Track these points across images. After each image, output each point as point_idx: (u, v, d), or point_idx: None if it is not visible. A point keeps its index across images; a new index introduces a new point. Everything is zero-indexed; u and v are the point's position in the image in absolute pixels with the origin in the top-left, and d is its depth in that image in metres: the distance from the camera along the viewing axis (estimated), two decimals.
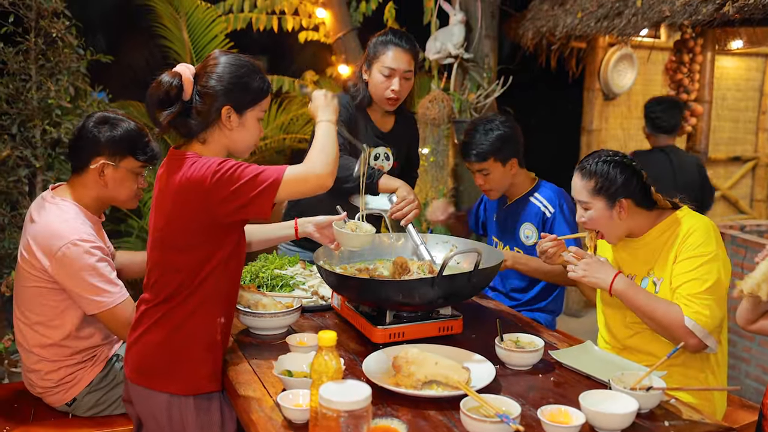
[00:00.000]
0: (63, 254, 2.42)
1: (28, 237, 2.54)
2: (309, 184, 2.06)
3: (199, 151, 2.11)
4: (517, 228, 3.22)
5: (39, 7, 4.27)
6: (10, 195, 4.41)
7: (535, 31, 5.79)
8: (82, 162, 2.57)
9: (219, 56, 2.11)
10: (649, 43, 6.29)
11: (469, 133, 3.13)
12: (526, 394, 2.03)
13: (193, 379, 2.12)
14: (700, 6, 4.20)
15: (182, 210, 2.04)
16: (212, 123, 2.10)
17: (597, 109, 6.42)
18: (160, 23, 5.93)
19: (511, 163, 3.12)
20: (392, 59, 3.05)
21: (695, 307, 2.29)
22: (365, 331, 2.39)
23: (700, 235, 2.38)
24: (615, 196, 2.43)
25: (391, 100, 3.12)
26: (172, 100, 2.06)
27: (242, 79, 2.10)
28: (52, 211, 2.53)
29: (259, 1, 5.94)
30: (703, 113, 5.48)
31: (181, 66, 2.10)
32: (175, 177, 2.04)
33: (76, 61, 4.45)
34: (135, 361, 2.16)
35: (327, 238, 2.60)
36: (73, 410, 2.63)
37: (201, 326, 2.12)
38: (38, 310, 2.54)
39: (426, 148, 5.44)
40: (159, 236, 2.11)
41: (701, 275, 2.32)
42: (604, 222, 2.48)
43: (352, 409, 1.52)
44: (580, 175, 2.48)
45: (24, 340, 2.60)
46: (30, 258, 2.51)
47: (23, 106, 4.28)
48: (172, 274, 2.08)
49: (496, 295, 3.38)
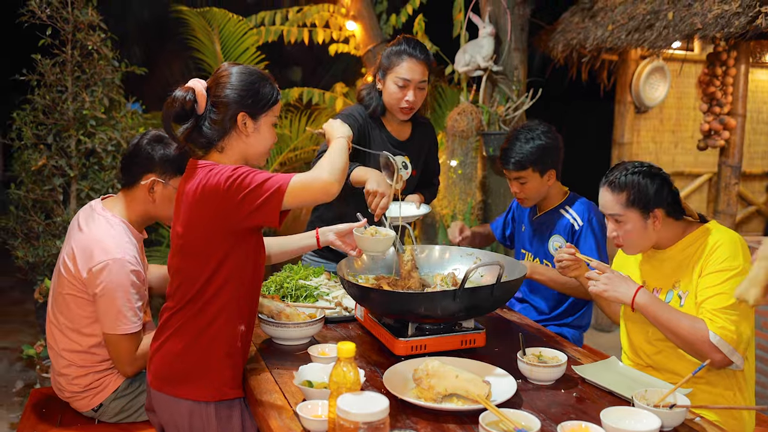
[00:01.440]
0: (101, 269, 2.47)
1: (72, 244, 2.59)
2: (314, 190, 2.08)
3: (217, 159, 2.16)
4: (547, 240, 3.21)
5: (76, 20, 4.38)
6: (45, 203, 4.51)
7: (566, 44, 5.77)
8: (133, 177, 2.64)
9: (229, 68, 2.18)
10: (681, 55, 6.23)
11: (510, 141, 3.11)
12: (548, 410, 2.01)
13: (213, 385, 2.14)
14: (733, 18, 4.15)
15: (199, 217, 2.07)
16: (229, 130, 2.15)
17: (628, 122, 6.37)
18: (193, 36, 6.03)
19: (549, 173, 3.11)
20: (407, 70, 3.05)
21: (721, 322, 2.26)
22: (387, 343, 2.39)
23: (727, 249, 2.34)
24: (648, 207, 2.39)
25: (405, 109, 3.12)
26: (188, 114, 2.13)
27: (254, 86, 2.16)
28: (101, 224, 2.58)
29: (290, 14, 6.00)
30: (737, 127, 5.40)
31: (193, 81, 2.16)
32: (191, 185, 2.09)
33: (110, 72, 4.54)
34: (157, 368, 2.19)
35: (348, 245, 2.62)
36: (99, 416, 2.66)
37: (221, 334, 2.14)
38: (71, 317, 2.59)
39: (454, 160, 5.43)
40: (179, 243, 2.15)
41: (727, 290, 2.28)
42: (637, 235, 2.43)
43: (369, 421, 1.52)
44: (609, 189, 2.44)
45: (55, 344, 2.65)
46: (71, 265, 2.56)
47: (59, 116, 4.37)
48: (191, 281, 2.12)
49: (524, 308, 3.36)
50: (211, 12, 5.80)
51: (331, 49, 6.08)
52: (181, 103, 2.11)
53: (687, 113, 6.91)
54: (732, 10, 4.18)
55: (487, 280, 2.65)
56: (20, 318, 5.92)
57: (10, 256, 4.58)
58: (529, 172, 3.07)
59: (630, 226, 2.42)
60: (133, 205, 2.65)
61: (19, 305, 6.26)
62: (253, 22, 6.00)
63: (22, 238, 4.52)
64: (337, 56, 6.21)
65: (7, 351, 5.22)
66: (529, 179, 3.09)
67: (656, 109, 6.62)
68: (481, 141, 5.35)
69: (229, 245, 2.09)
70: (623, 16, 5.22)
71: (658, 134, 6.73)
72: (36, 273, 4.53)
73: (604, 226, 3.16)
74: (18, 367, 4.93)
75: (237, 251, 2.11)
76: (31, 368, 4.76)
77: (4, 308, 6.29)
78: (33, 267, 4.51)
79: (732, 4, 4.20)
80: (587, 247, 3.08)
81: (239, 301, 2.16)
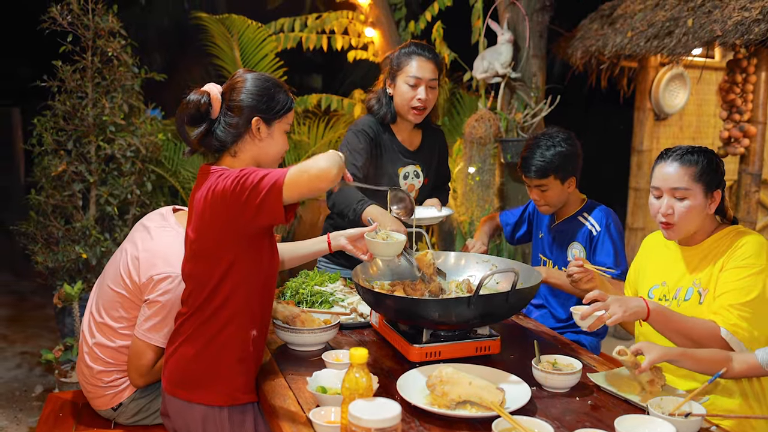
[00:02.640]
0: (163, 279, 2.52)
1: (139, 248, 2.62)
2: (311, 176, 1.99)
3: (230, 164, 2.17)
4: (566, 247, 3.19)
5: (96, 27, 4.43)
6: (65, 209, 4.55)
7: (584, 51, 5.74)
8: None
9: (244, 74, 2.21)
10: (701, 62, 6.18)
11: (530, 148, 3.09)
12: (562, 417, 2.00)
13: (226, 390, 2.15)
14: (753, 25, 4.12)
15: (211, 221, 2.08)
16: (242, 135, 2.17)
17: (648, 130, 6.32)
18: (212, 42, 6.07)
19: (570, 181, 3.10)
20: (417, 68, 3.08)
21: (733, 318, 2.22)
22: (402, 350, 2.39)
23: (751, 247, 2.31)
24: (712, 186, 2.35)
25: (417, 109, 3.12)
26: (203, 117, 2.15)
27: (269, 92, 2.18)
28: (171, 237, 2.62)
29: (309, 21, 6.03)
30: (757, 134, 5.35)
31: (209, 85, 2.19)
32: (203, 190, 2.10)
33: (130, 79, 4.59)
34: (171, 373, 2.20)
35: (360, 249, 2.62)
36: (117, 417, 2.69)
37: (233, 339, 2.15)
38: (113, 315, 2.63)
39: (472, 167, 5.42)
40: (191, 249, 2.16)
41: (745, 286, 2.25)
42: (696, 214, 2.36)
43: (381, 428, 1.52)
44: (677, 162, 2.35)
45: (92, 333, 2.68)
46: (132, 267, 2.59)
47: (79, 122, 4.42)
48: (202, 286, 2.13)
49: (541, 315, 3.34)
50: (230, 19, 5.84)
51: (350, 56, 6.09)
52: (196, 106, 2.13)
53: (707, 121, 6.85)
54: (752, 17, 4.14)
55: (502, 286, 2.64)
56: (40, 323, 5.97)
57: (30, 261, 4.64)
58: (551, 179, 3.06)
59: (692, 202, 2.34)
60: None
61: (40, 310, 6.32)
62: (272, 29, 6.03)
63: (42, 243, 4.56)
64: (356, 63, 6.23)
65: (27, 355, 5.27)
66: (551, 187, 3.08)
67: (676, 117, 6.56)
68: (499, 148, 5.34)
69: (241, 249, 2.09)
70: (642, 23, 5.20)
71: (678, 141, 6.66)
72: (56, 278, 4.57)
73: (621, 232, 3.15)
74: (38, 371, 4.97)
75: (248, 255, 2.11)
76: (50, 373, 4.80)
77: (25, 313, 6.35)
78: (52, 272, 4.55)
79: (752, 11, 4.16)
80: (605, 252, 3.06)
81: (251, 306, 2.17)
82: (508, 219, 3.59)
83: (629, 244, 6.34)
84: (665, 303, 2.47)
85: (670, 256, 2.54)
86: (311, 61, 7.28)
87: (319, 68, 7.92)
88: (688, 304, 2.40)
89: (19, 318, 6.19)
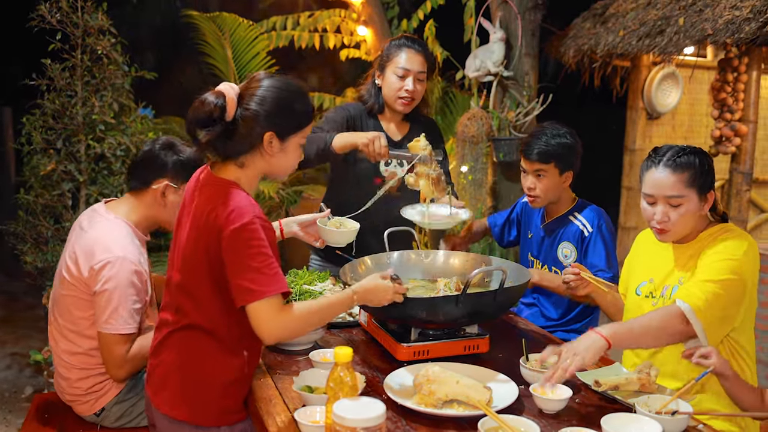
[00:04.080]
0: (103, 266, 2.48)
1: (74, 246, 2.60)
2: (262, 330, 1.93)
3: (236, 174, 2.02)
4: (556, 247, 3.18)
5: (86, 25, 4.40)
6: (54, 208, 4.52)
7: (577, 49, 5.75)
8: (143, 182, 2.66)
9: (264, 78, 2.02)
10: (693, 61, 6.19)
11: (536, 134, 3.09)
12: (549, 416, 1.99)
13: (219, 411, 2.05)
14: (743, 24, 4.12)
15: (201, 242, 1.98)
16: (253, 148, 2.00)
17: (640, 129, 6.33)
18: (204, 41, 6.05)
19: (567, 175, 3.09)
20: (406, 60, 3.12)
21: (692, 290, 2.18)
22: (390, 348, 2.37)
23: (734, 242, 2.27)
24: (705, 189, 2.30)
25: (404, 99, 3.15)
26: (215, 120, 1.96)
27: (288, 104, 2.01)
28: (103, 225, 2.60)
29: (301, 19, 6.01)
30: (748, 133, 5.36)
31: (225, 85, 1.99)
32: (208, 206, 1.97)
33: (120, 77, 4.56)
34: (160, 387, 2.09)
35: (311, 236, 2.61)
36: (102, 421, 2.66)
37: (228, 362, 2.04)
38: (72, 319, 2.59)
39: (465, 166, 5.42)
40: (183, 254, 2.05)
41: (715, 269, 2.20)
42: (690, 218, 2.31)
43: (365, 427, 1.51)
44: (669, 169, 2.27)
45: (56, 346, 2.66)
46: (73, 266, 2.57)
47: (69, 121, 4.39)
48: (197, 301, 2.02)
49: (532, 314, 3.33)
50: (222, 17, 5.82)
51: (342, 54, 6.08)
52: (211, 109, 1.94)
53: (699, 120, 6.86)
54: (743, 15, 4.15)
55: (492, 285, 2.63)
56: (30, 323, 5.93)
57: (19, 261, 4.61)
58: (551, 166, 3.04)
59: (686, 208, 2.29)
60: (140, 208, 2.67)
61: (30, 310, 6.28)
62: (264, 27, 6.01)
63: (31, 243, 4.53)
64: (348, 61, 6.22)
65: (17, 356, 5.24)
66: (548, 175, 3.05)
67: (668, 116, 6.58)
68: (491, 146, 5.34)
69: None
70: (634, 22, 5.20)
71: (670, 141, 6.66)
72: (45, 278, 4.54)
73: (613, 233, 3.13)
74: (27, 372, 4.94)
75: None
76: (40, 374, 4.77)
77: (16, 314, 6.31)
78: (42, 272, 4.52)
79: (743, 9, 4.17)
80: (597, 253, 3.05)
81: (247, 327, 1.98)
82: (497, 220, 3.57)
83: (622, 243, 6.35)
84: (652, 300, 2.46)
85: (659, 253, 2.52)
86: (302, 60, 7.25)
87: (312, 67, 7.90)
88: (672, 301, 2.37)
89: (10, 319, 6.16)
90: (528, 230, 3.37)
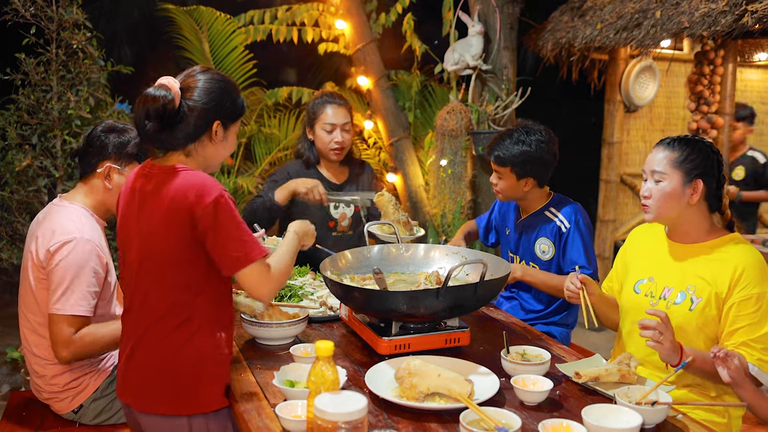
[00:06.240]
0: (60, 246, 2.46)
1: (31, 237, 2.59)
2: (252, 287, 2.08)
3: (183, 161, 2.10)
4: (533, 242, 3.19)
5: (60, 19, 4.33)
6: (30, 204, 4.47)
7: (555, 43, 5.77)
8: (89, 166, 2.67)
9: (204, 71, 2.14)
10: (670, 54, 6.24)
11: (502, 136, 3.14)
12: (530, 407, 2.00)
13: (209, 396, 2.08)
14: (719, 17, 4.15)
15: (168, 227, 2.02)
16: (200, 136, 2.11)
17: (618, 122, 6.36)
18: (181, 35, 5.99)
19: (526, 180, 3.10)
20: (332, 116, 3.56)
21: (757, 354, 2.23)
22: (371, 342, 2.37)
23: (751, 273, 2.29)
24: (692, 173, 2.34)
25: (336, 150, 3.59)
26: (166, 112, 2.03)
27: (230, 95, 2.15)
28: (58, 212, 2.60)
29: (279, 13, 5.97)
30: (724, 125, 5.41)
31: (166, 78, 2.08)
32: (168, 191, 2.02)
33: (96, 72, 4.50)
34: (140, 387, 2.09)
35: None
36: (80, 418, 2.63)
37: (207, 344, 2.07)
38: (40, 311, 2.56)
39: (444, 159, 5.42)
40: (144, 250, 2.07)
41: (759, 319, 2.25)
42: (670, 198, 2.36)
43: (346, 421, 1.50)
44: (663, 147, 2.40)
45: (28, 345, 2.62)
46: (31, 257, 2.55)
47: (44, 116, 4.33)
48: (167, 291, 2.04)
49: (512, 306, 3.34)
50: (198, 11, 5.75)
51: (321, 48, 6.04)
52: (164, 102, 2.01)
53: (677, 112, 6.91)
54: (719, 8, 4.18)
55: (472, 278, 2.63)
56: (7, 321, 5.86)
57: None
58: (507, 170, 3.10)
59: (668, 187, 2.35)
60: (92, 194, 2.67)
61: (6, 308, 6.20)
62: (241, 21, 5.96)
63: (6, 239, 4.47)
64: (327, 55, 6.18)
65: None
66: (505, 177, 3.13)
67: (646, 109, 6.62)
68: (470, 140, 5.34)
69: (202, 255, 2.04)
70: (612, 15, 5.22)
71: (648, 133, 6.72)
72: None
73: (590, 228, 3.15)
74: (4, 370, 4.88)
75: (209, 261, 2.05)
76: (17, 371, 4.72)
77: None
78: (18, 269, 4.44)
79: (719, 2, 4.20)
80: (575, 249, 3.07)
81: (219, 309, 2.11)
82: (481, 222, 3.64)
83: (600, 236, 6.39)
84: (651, 300, 2.46)
85: (660, 251, 2.52)
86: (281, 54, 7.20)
87: (291, 61, 7.85)
88: (678, 308, 2.36)
89: None
90: (506, 227, 3.39)
